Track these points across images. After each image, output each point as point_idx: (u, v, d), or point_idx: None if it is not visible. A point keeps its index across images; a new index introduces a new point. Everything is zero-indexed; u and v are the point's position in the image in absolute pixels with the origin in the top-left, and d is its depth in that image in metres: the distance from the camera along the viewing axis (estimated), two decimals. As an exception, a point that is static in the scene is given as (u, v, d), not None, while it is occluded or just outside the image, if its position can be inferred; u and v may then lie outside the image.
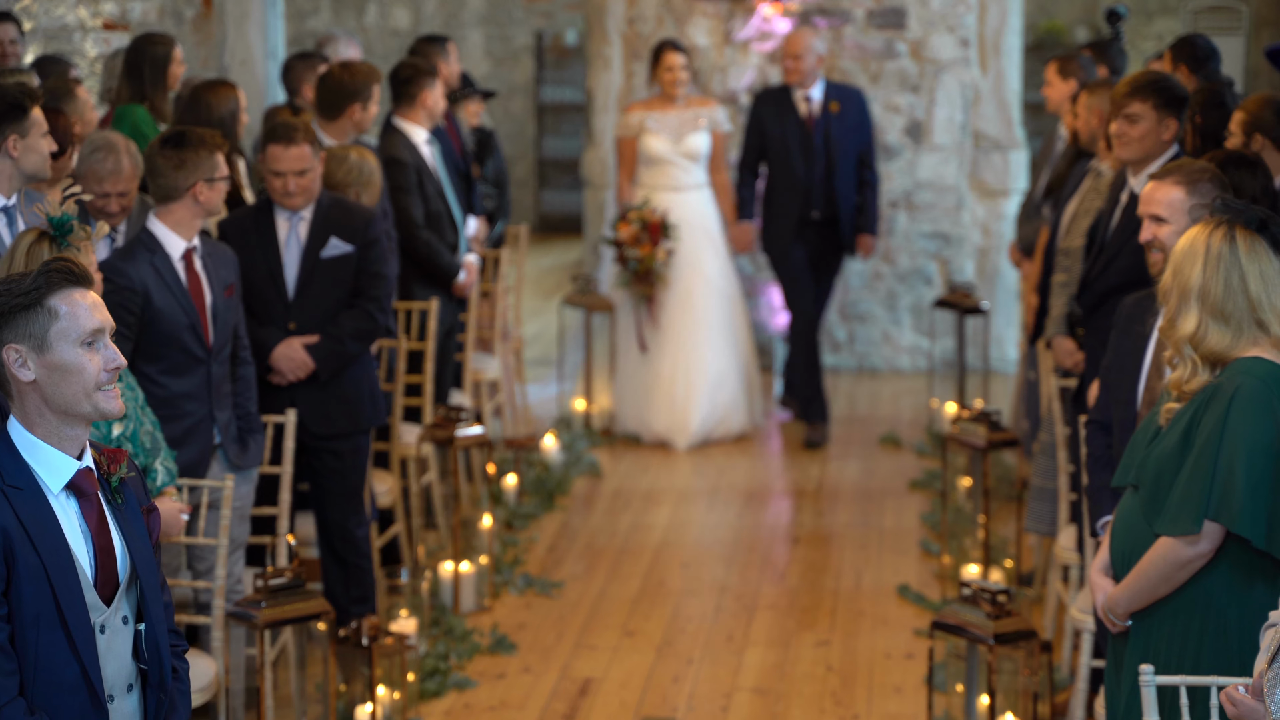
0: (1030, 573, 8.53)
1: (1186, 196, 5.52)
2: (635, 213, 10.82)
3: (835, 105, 10.89)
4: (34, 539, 3.91)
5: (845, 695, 7.36)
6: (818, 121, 10.87)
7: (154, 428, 5.99)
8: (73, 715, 3.95)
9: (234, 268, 6.67)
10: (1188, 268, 4.75)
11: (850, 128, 10.94)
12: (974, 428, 8.29)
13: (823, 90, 10.94)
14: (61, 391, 3.97)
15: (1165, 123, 6.83)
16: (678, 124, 10.95)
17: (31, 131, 6.23)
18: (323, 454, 7.35)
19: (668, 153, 10.94)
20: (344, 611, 7.29)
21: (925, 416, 11.69)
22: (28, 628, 3.89)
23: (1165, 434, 4.77)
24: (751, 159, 11.09)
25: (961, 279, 12.78)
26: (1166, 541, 4.69)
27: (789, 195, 10.92)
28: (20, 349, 3.95)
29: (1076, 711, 6.59)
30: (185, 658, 4.36)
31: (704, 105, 11.10)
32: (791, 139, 10.87)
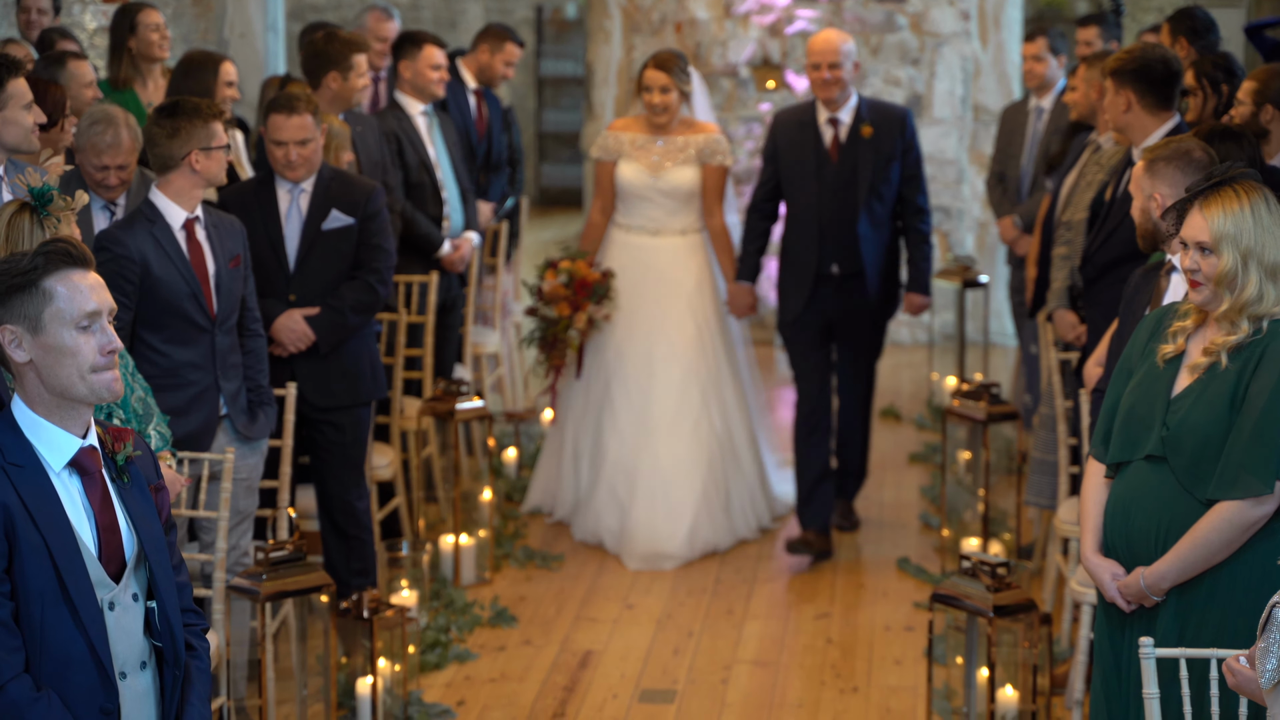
0: (1030, 546, 8.54)
1: (1177, 172, 5.53)
2: (568, 262, 8.83)
3: (868, 129, 8.53)
4: (35, 516, 3.91)
5: (845, 667, 7.37)
6: (844, 149, 8.56)
7: (146, 394, 5.99)
8: (82, 691, 3.95)
9: (241, 238, 6.66)
10: (1243, 233, 4.70)
11: (885, 157, 8.56)
12: (974, 401, 8.30)
13: (854, 110, 8.61)
14: (56, 373, 3.97)
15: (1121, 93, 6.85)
16: (660, 153, 8.82)
17: (10, 104, 6.21)
18: (323, 427, 7.35)
19: (644, 187, 8.83)
20: (345, 584, 7.31)
21: (925, 390, 11.70)
22: (32, 604, 3.89)
23: (1198, 399, 4.69)
24: (762, 198, 8.80)
25: (961, 252, 12.78)
26: (1229, 505, 4.63)
27: (801, 245, 8.64)
28: (15, 330, 3.95)
29: (1076, 683, 6.60)
30: (205, 637, 4.35)
31: (697, 133, 8.82)
32: (808, 172, 8.60)
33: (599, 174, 8.99)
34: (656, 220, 8.88)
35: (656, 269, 8.87)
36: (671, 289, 8.87)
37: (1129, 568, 4.84)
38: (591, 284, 8.73)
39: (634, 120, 8.94)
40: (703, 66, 13.14)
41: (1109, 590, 4.85)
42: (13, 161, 6.33)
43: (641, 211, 8.88)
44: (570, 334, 8.75)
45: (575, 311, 8.74)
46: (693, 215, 8.89)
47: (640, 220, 8.89)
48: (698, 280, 8.89)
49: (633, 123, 8.93)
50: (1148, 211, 5.58)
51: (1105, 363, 5.86)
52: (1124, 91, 6.81)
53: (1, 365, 4.07)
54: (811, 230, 8.58)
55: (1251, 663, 4.08)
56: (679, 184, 8.81)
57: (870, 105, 8.67)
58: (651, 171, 8.80)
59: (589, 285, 8.74)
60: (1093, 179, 7.58)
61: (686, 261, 8.90)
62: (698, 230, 8.92)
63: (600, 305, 8.73)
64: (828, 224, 8.55)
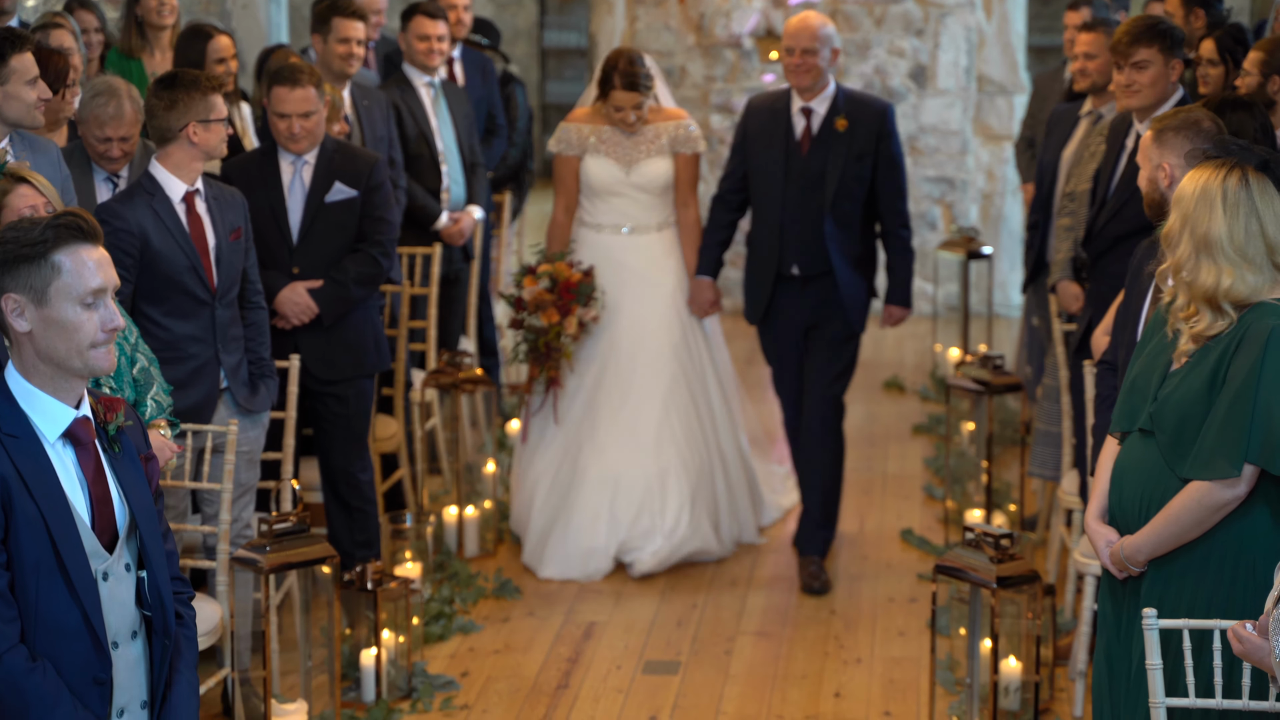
0: (1033, 517, 8.54)
1: (1186, 142, 5.51)
2: (547, 265, 8.14)
3: (842, 122, 7.87)
4: (30, 487, 3.91)
5: (848, 639, 7.38)
6: (815, 142, 7.92)
7: (151, 364, 5.99)
8: (76, 661, 3.96)
9: (242, 211, 6.65)
10: (1204, 214, 4.68)
11: (859, 153, 7.90)
12: (977, 372, 8.29)
13: (830, 100, 7.96)
14: (55, 346, 3.97)
15: (1172, 65, 6.81)
16: (630, 144, 8.18)
17: (11, 79, 6.21)
18: (326, 399, 7.35)
19: (615, 182, 8.19)
20: (348, 556, 7.31)
21: (929, 361, 11.69)
22: (27, 575, 3.90)
23: (1185, 378, 4.71)
24: (727, 190, 8.17)
25: (965, 223, 12.76)
26: (1200, 485, 4.64)
27: (762, 242, 8.05)
28: (19, 299, 3.95)
29: (1079, 655, 6.61)
30: (191, 605, 4.37)
31: (665, 119, 8.21)
32: (775, 163, 7.97)
33: (560, 170, 8.29)
34: (631, 216, 8.24)
35: (634, 269, 8.23)
36: (652, 290, 8.24)
37: (1122, 535, 4.86)
38: (576, 284, 8.06)
39: (594, 111, 8.24)
40: (706, 37, 13.12)
41: (1102, 556, 4.88)
42: (20, 134, 6.33)
43: (614, 208, 8.24)
44: (564, 340, 8.08)
45: (564, 316, 8.06)
46: (668, 209, 8.28)
47: (613, 218, 8.25)
48: (678, 278, 8.29)
49: (593, 114, 8.23)
50: (1155, 181, 5.57)
51: (1113, 333, 5.84)
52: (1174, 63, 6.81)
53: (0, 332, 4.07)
54: (773, 227, 7.96)
55: (1262, 632, 4.09)
56: (654, 176, 8.18)
57: (849, 97, 7.97)
58: (623, 165, 8.17)
59: (574, 286, 8.06)
60: (1096, 149, 7.56)
61: (665, 259, 8.28)
62: (672, 225, 8.32)
63: (588, 307, 8.08)
64: (790, 221, 7.92)
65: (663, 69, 13.03)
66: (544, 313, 8.03)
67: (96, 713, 4.00)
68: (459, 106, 9.26)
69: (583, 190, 8.26)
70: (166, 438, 5.90)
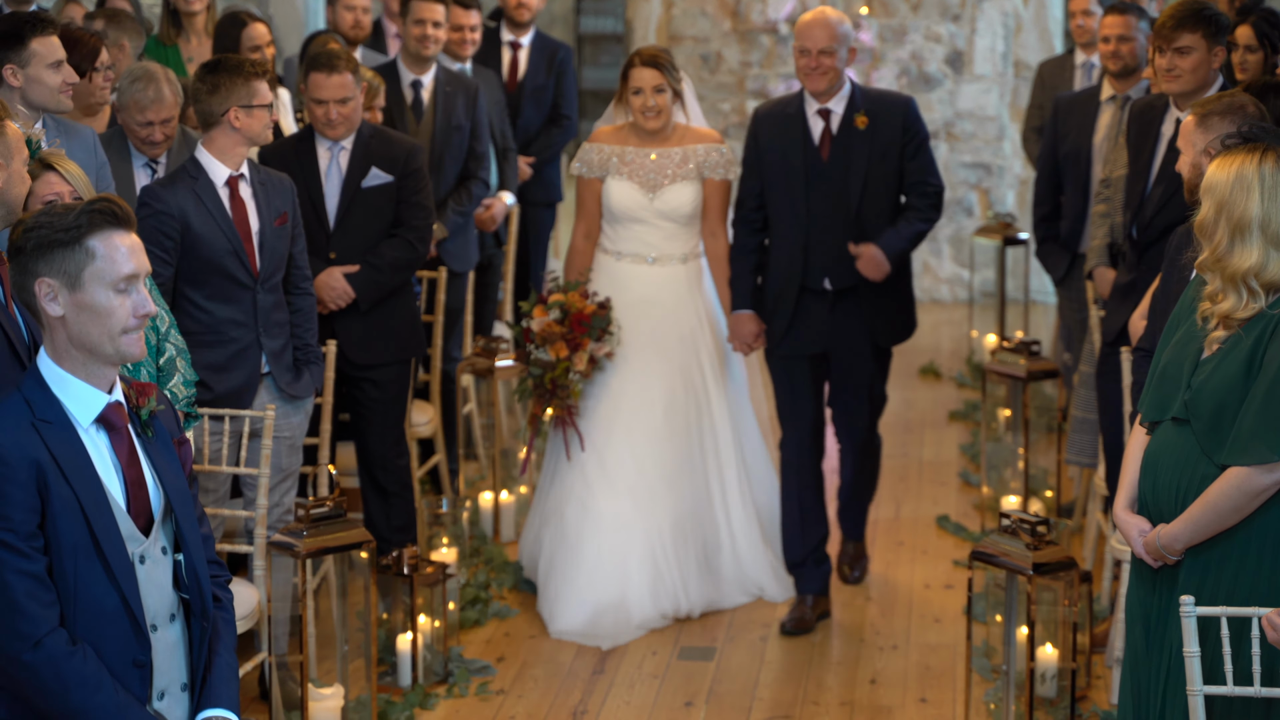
0: (1070, 504, 8.52)
1: (1230, 126, 5.48)
2: (560, 294, 7.47)
3: (863, 119, 7.30)
4: (66, 472, 3.93)
5: (884, 625, 7.38)
6: (836, 143, 7.34)
7: (178, 354, 6.00)
8: (115, 644, 3.98)
9: (290, 197, 6.66)
10: (1240, 197, 4.67)
11: (882, 151, 7.33)
12: (1014, 358, 8.27)
13: (848, 99, 7.37)
14: (88, 331, 3.99)
15: (1215, 51, 6.77)
16: (655, 167, 7.48)
17: (32, 62, 6.22)
18: (363, 384, 7.37)
19: (638, 208, 7.49)
20: (385, 541, 7.33)
21: (965, 347, 11.67)
22: (65, 559, 3.92)
23: (1219, 364, 4.69)
24: (747, 209, 7.46)
25: (1002, 209, 12.73)
26: (1238, 472, 4.62)
27: (784, 255, 7.39)
28: (53, 283, 3.96)
29: (1116, 642, 6.59)
30: (229, 588, 4.38)
31: (696, 141, 7.52)
32: (794, 170, 7.34)
33: (581, 193, 7.63)
34: (653, 246, 7.55)
35: (655, 302, 7.54)
36: (674, 325, 7.56)
37: (1155, 525, 4.84)
38: (589, 317, 7.37)
39: (619, 129, 7.59)
40: (742, 23, 13.10)
41: (1135, 546, 4.86)
42: (55, 119, 6.35)
43: (635, 236, 7.54)
44: (572, 378, 7.39)
45: (574, 351, 7.37)
46: (694, 239, 7.59)
47: (634, 246, 7.56)
48: (700, 315, 7.62)
49: (618, 132, 7.58)
50: (1199, 166, 5.55)
51: (1149, 317, 5.82)
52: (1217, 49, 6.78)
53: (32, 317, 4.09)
54: (797, 237, 7.33)
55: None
56: (679, 204, 7.49)
57: (866, 94, 7.41)
58: (646, 190, 7.48)
59: (586, 319, 7.37)
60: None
61: (688, 293, 7.59)
62: (699, 256, 7.64)
63: (601, 341, 7.40)
64: (816, 229, 7.32)
65: (698, 55, 13.05)
66: (552, 346, 7.36)
67: (137, 695, 4.02)
68: (492, 93, 9.26)
69: (604, 215, 7.60)
70: None
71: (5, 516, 3.86)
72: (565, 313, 7.39)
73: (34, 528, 3.89)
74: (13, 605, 3.86)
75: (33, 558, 3.87)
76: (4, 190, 5.02)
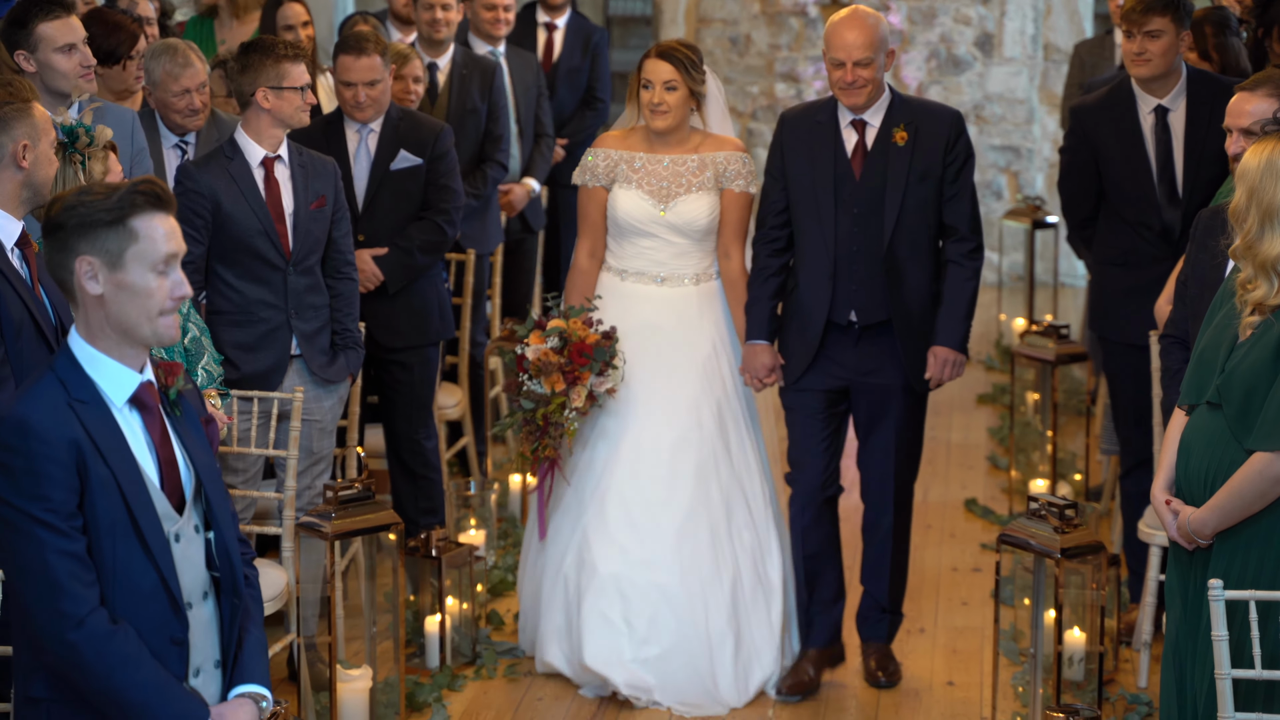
0: (1098, 487, 8.51)
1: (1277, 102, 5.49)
2: (559, 320, 6.61)
3: (902, 134, 6.47)
4: (103, 451, 3.94)
5: (912, 608, 7.36)
6: (870, 160, 6.50)
7: (202, 334, 6.04)
8: (154, 623, 4.00)
9: (331, 181, 6.65)
10: (1270, 184, 4.66)
11: (922, 172, 6.49)
12: (1042, 342, 8.26)
13: (886, 109, 6.52)
14: (126, 311, 3.99)
15: (1182, 35, 6.83)
16: (668, 176, 6.69)
17: (40, 47, 6.23)
18: (391, 366, 7.38)
19: (646, 220, 6.68)
20: (413, 523, 7.34)
21: (993, 330, 11.65)
22: (104, 538, 3.93)
23: (1251, 349, 4.68)
24: (770, 225, 6.65)
25: (1031, 192, 12.69)
26: (1264, 457, 4.61)
27: (810, 284, 6.57)
28: (94, 262, 3.97)
29: (1144, 625, 6.58)
30: (254, 565, 4.41)
31: (714, 148, 6.72)
32: (823, 188, 6.52)
33: (584, 204, 6.82)
34: (662, 263, 6.74)
35: (664, 329, 6.73)
36: (684, 354, 6.73)
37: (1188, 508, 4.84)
38: (591, 348, 6.53)
39: (628, 133, 6.81)
40: (770, 5, 13.07)
41: (1169, 528, 4.86)
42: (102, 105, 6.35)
43: (642, 252, 6.75)
44: (568, 415, 6.56)
45: (572, 385, 6.54)
46: (709, 257, 6.77)
47: (640, 263, 6.75)
48: (715, 342, 6.77)
49: (627, 136, 6.81)
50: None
51: (1175, 302, 5.80)
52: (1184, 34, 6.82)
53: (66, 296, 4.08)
54: (823, 264, 6.51)
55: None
56: (694, 216, 6.68)
57: (908, 104, 6.58)
58: (657, 200, 6.67)
59: (588, 350, 6.52)
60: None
61: (701, 318, 6.76)
62: (714, 277, 6.80)
63: (603, 376, 6.56)
64: (845, 257, 6.49)
65: (727, 37, 13.03)
66: (547, 378, 6.52)
67: (175, 673, 4.04)
68: (524, 75, 9.24)
69: (610, 228, 6.79)
70: (217, 407, 5.94)
71: (45, 497, 3.86)
72: (565, 341, 6.54)
73: (74, 508, 3.90)
74: (55, 585, 3.87)
75: (73, 537, 3.88)
76: (31, 172, 5.04)
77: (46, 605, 3.88)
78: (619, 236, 6.77)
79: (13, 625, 3.99)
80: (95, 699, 3.91)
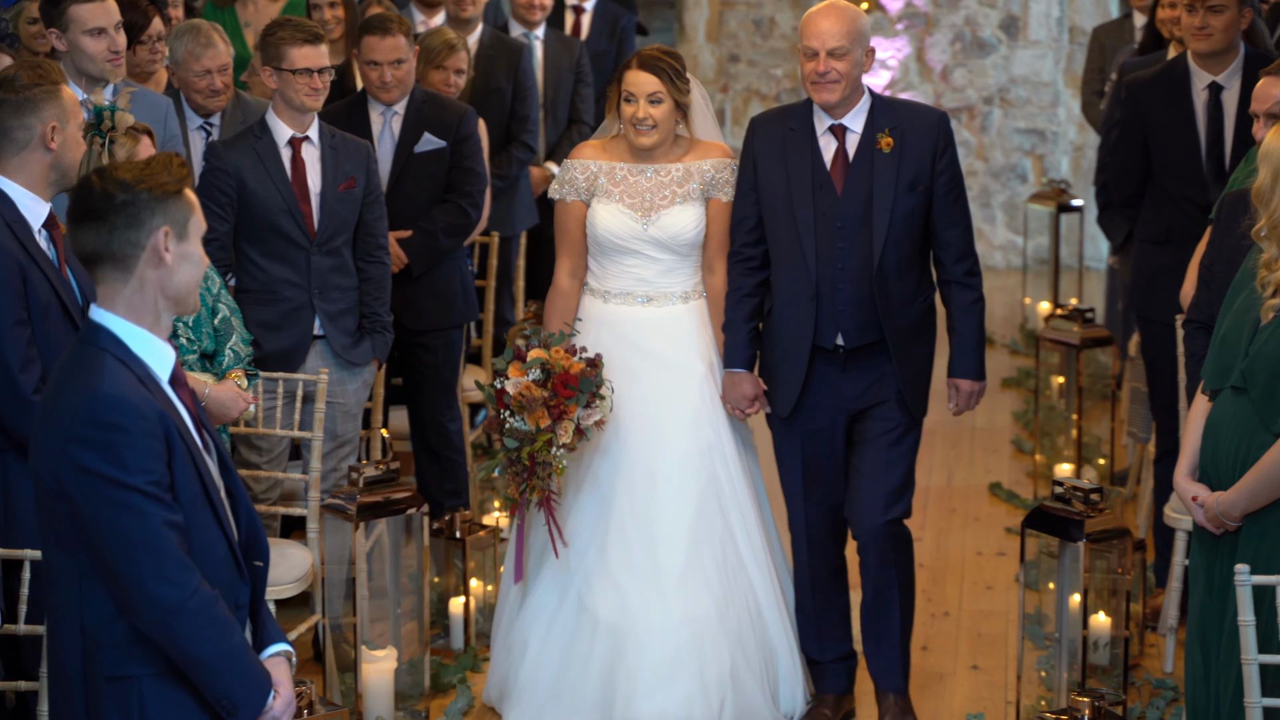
0: (1124, 472, 8.49)
1: None
2: (539, 349, 6.02)
3: (887, 140, 5.95)
4: (176, 425, 3.97)
5: (936, 592, 7.37)
6: (853, 170, 5.99)
7: (232, 314, 6.06)
8: (227, 587, 4.04)
9: (362, 162, 6.68)
10: (1273, 151, 4.68)
11: (909, 180, 5.97)
12: (1067, 325, 8.24)
13: (867, 114, 6.01)
14: (185, 280, 3.99)
15: (1244, 11, 6.79)
16: (651, 187, 6.21)
17: (70, 28, 6.26)
18: (416, 349, 7.39)
19: (629, 235, 6.19)
20: (437, 504, 7.36)
21: (1018, 314, 11.63)
22: (186, 509, 3.95)
23: (1275, 332, 4.67)
24: (744, 242, 6.16)
25: (1056, 176, 12.66)
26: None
27: (790, 306, 6.07)
28: (170, 232, 3.96)
29: (1170, 610, 6.57)
30: None
31: (702, 155, 6.24)
32: (801, 201, 6.00)
33: (563, 221, 6.31)
34: (646, 282, 6.24)
35: (652, 352, 6.24)
36: (677, 378, 6.24)
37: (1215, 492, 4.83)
38: (575, 378, 5.96)
39: (608, 143, 6.30)
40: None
41: (1195, 513, 4.85)
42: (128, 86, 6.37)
43: (627, 272, 6.25)
44: (555, 453, 5.99)
45: (558, 420, 5.97)
46: (693, 270, 6.28)
47: (624, 283, 6.25)
48: (709, 363, 6.26)
49: (607, 146, 6.29)
50: None
51: (1198, 286, 5.78)
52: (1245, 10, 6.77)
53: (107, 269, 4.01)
54: (803, 284, 6.01)
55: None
56: (679, 229, 6.18)
57: (890, 106, 6.06)
58: (640, 213, 6.18)
59: (573, 381, 5.95)
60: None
61: (692, 339, 6.25)
62: (703, 295, 6.32)
63: (590, 408, 5.99)
64: (828, 276, 5.98)
65: (751, 20, 13.01)
66: (531, 414, 5.96)
67: None
68: (557, 60, 9.21)
69: (590, 245, 6.30)
70: (242, 388, 5.95)
71: (149, 470, 3.85)
72: (547, 373, 5.96)
73: (169, 480, 3.92)
74: (169, 556, 3.87)
75: (175, 509, 3.90)
76: (59, 154, 5.05)
77: (161, 576, 3.86)
78: (600, 255, 6.27)
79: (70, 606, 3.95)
80: (191, 666, 3.90)
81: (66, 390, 3.90)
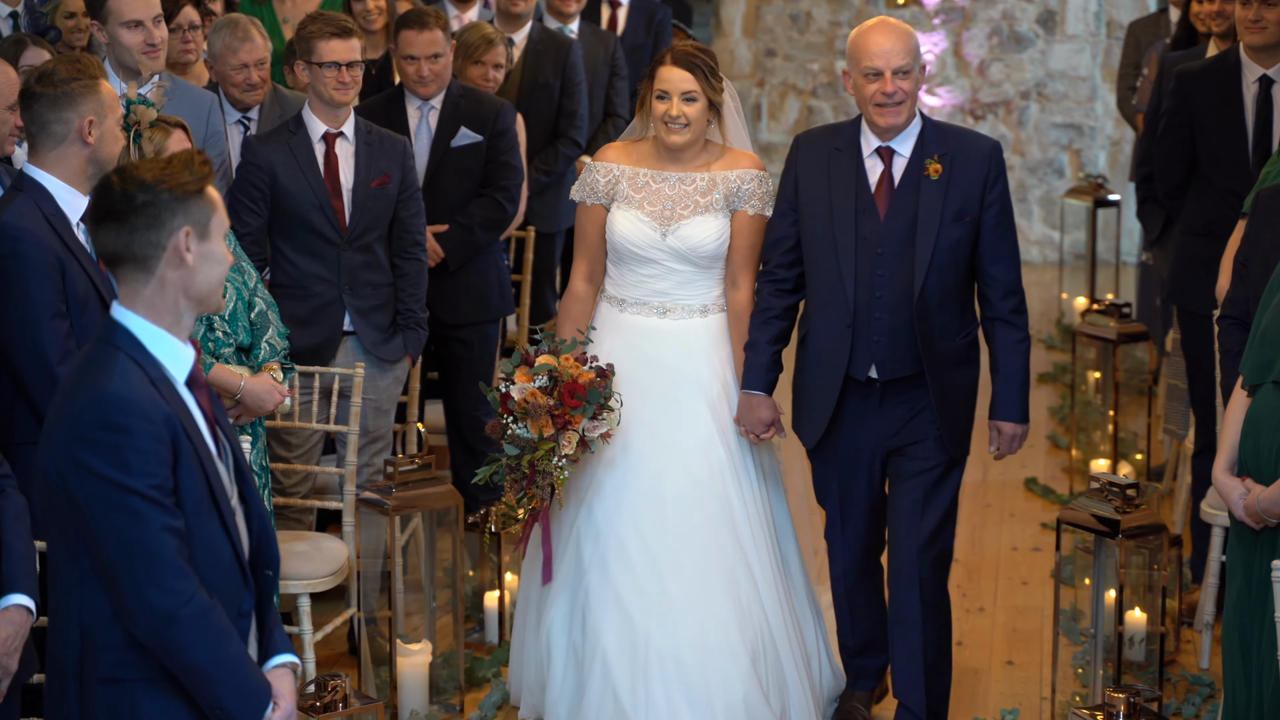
0: (1160, 467, 8.47)
1: None
2: (548, 355, 5.80)
3: (936, 167, 5.69)
4: (186, 429, 3.95)
5: (971, 588, 7.36)
6: (898, 196, 5.75)
7: (269, 307, 6.08)
8: (229, 595, 3.99)
9: (398, 159, 6.69)
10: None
11: (956, 210, 5.72)
12: (1104, 321, 8.22)
13: (917, 138, 5.76)
14: (207, 280, 3.96)
15: None
16: (673, 195, 5.96)
17: (109, 20, 6.29)
18: (451, 343, 7.40)
19: (647, 244, 5.95)
20: (472, 499, 7.36)
21: (1055, 309, 11.60)
22: (190, 515, 3.92)
23: None
24: (778, 263, 5.91)
25: (1093, 170, 12.63)
26: None
27: (825, 335, 5.84)
28: (192, 232, 3.95)
29: (1206, 606, 6.55)
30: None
31: (728, 165, 5.99)
32: (842, 226, 5.76)
33: (582, 223, 6.10)
34: (665, 294, 6.00)
35: (665, 364, 6.00)
36: (691, 394, 5.98)
37: None
38: (583, 388, 5.73)
39: (633, 145, 6.08)
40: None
41: (1236, 508, 4.83)
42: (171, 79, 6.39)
43: (643, 282, 6.01)
44: (556, 464, 5.75)
45: (562, 430, 5.75)
46: (718, 286, 6.04)
47: (641, 293, 6.02)
48: (725, 380, 6.03)
49: (632, 149, 6.07)
50: None
51: (1234, 280, 5.75)
52: None
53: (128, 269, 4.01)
54: (840, 312, 5.77)
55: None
56: (699, 241, 5.94)
57: (941, 132, 5.81)
58: (659, 222, 5.94)
59: (580, 391, 5.72)
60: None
61: (709, 354, 6.02)
62: (725, 308, 6.07)
63: (596, 420, 5.77)
64: (866, 304, 5.74)
65: (788, 14, 13.00)
66: (534, 421, 5.73)
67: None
68: (592, 54, 9.21)
69: (609, 252, 6.07)
70: (278, 381, 5.97)
71: (152, 473, 3.81)
72: (554, 380, 5.74)
73: (173, 485, 3.89)
74: (166, 562, 3.83)
75: (176, 514, 3.86)
76: (97, 148, 5.07)
77: (158, 582, 3.83)
78: (617, 262, 6.03)
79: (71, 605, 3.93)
80: (186, 674, 3.87)
81: (77, 388, 3.88)
